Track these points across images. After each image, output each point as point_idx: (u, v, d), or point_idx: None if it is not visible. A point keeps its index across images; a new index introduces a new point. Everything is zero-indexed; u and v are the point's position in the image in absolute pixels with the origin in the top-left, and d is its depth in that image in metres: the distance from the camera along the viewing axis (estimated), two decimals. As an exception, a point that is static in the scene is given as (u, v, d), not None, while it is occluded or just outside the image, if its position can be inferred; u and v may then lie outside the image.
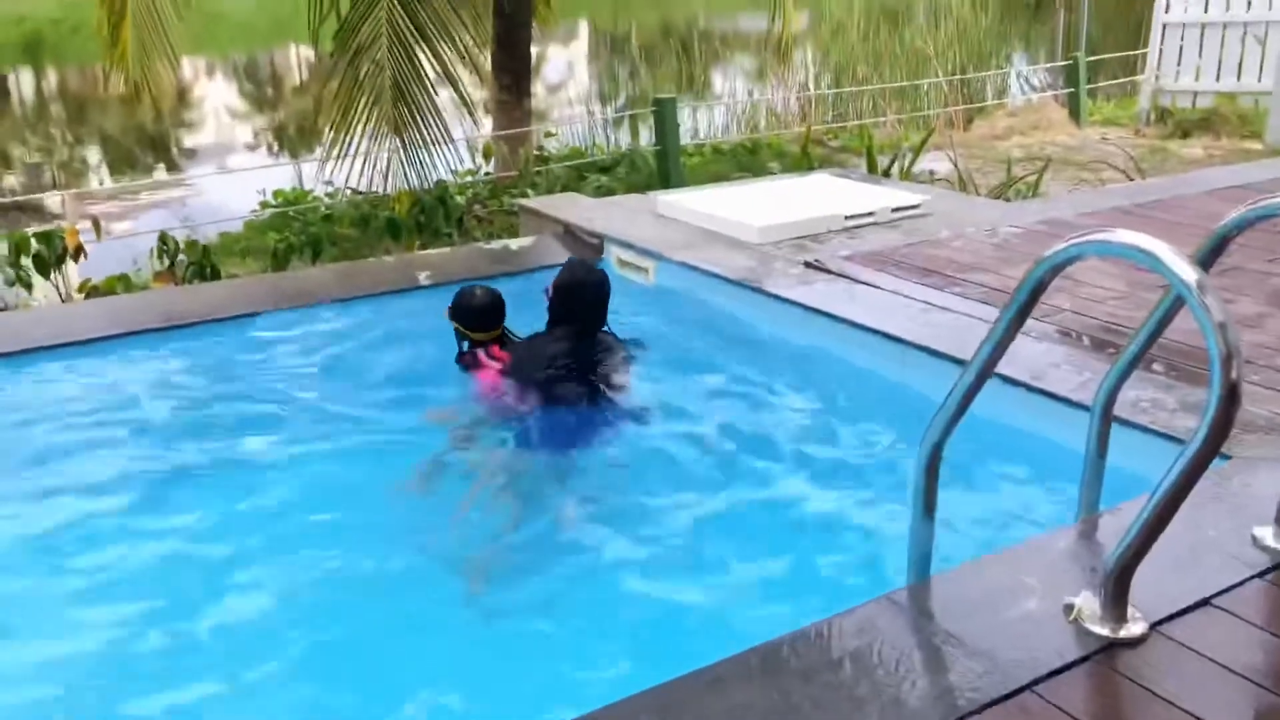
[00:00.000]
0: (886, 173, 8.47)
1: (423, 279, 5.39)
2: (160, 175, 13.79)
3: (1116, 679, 2.12)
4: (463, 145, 8.30)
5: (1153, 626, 2.23)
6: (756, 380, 4.38)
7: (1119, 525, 2.29)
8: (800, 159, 9.25)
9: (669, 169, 8.77)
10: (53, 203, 9.90)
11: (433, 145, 7.22)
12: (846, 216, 5.82)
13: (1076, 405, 3.41)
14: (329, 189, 7.88)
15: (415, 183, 7.25)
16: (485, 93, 9.85)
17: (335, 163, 7.17)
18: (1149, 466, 2.86)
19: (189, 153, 15.92)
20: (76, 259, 6.26)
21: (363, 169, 7.17)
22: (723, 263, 5.20)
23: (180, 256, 6.39)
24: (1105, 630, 2.21)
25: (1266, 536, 2.56)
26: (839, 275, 4.96)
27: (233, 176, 10.92)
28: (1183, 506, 2.07)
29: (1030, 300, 2.23)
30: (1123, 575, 2.19)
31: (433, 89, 7.29)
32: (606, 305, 4.20)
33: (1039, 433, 3.56)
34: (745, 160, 9.87)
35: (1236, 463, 3.01)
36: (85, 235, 6.39)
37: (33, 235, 6.17)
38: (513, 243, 6.07)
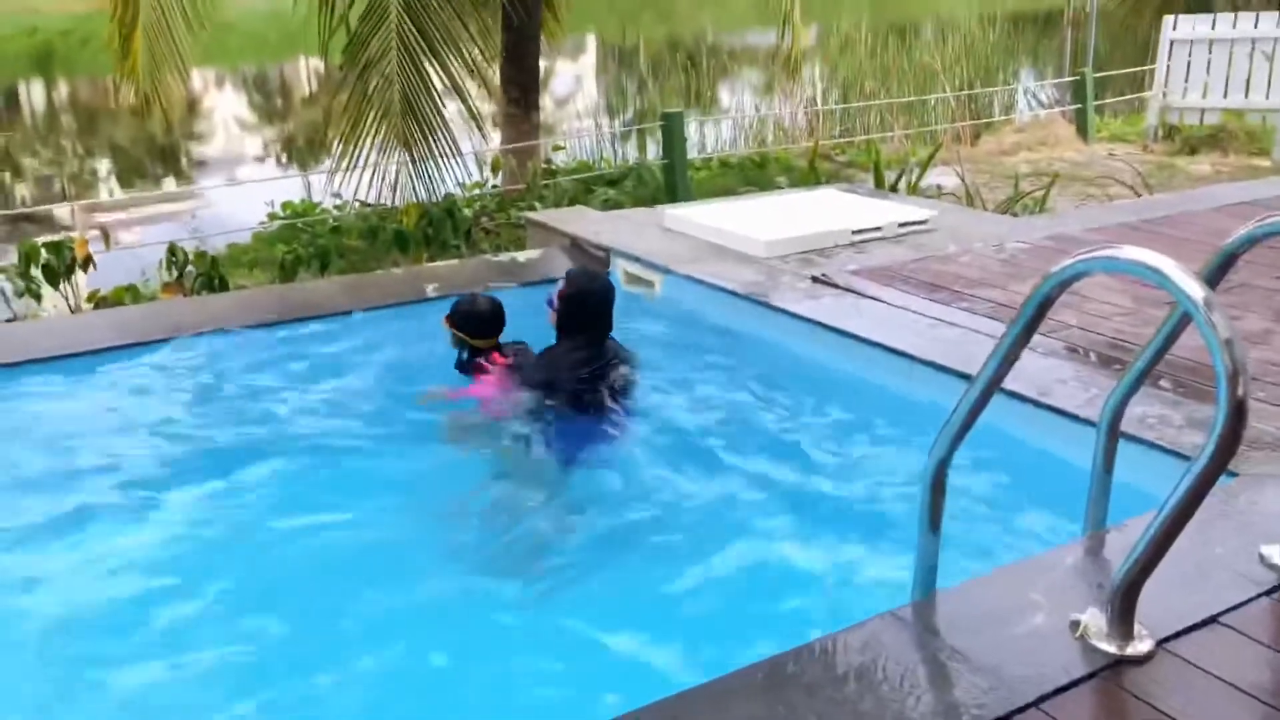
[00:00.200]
0: (894, 188, 8.48)
1: (430, 291, 5.40)
2: (169, 187, 13.84)
3: (1123, 696, 2.11)
4: (471, 158, 8.32)
5: (1160, 644, 2.23)
6: (762, 394, 4.37)
7: (1126, 541, 2.29)
8: (807, 173, 9.26)
9: (676, 183, 8.79)
10: (62, 213, 9.96)
11: (441, 158, 7.24)
12: (853, 231, 5.83)
13: (1083, 421, 3.41)
14: (337, 201, 7.90)
15: (423, 195, 7.27)
16: (493, 106, 9.88)
17: (344, 175, 7.20)
18: (1155, 483, 2.86)
19: (198, 164, 16.00)
20: (85, 269, 6.28)
21: (371, 181, 7.20)
22: (729, 277, 5.20)
23: (189, 268, 6.41)
24: (1112, 647, 2.20)
25: (1274, 554, 2.56)
26: (846, 290, 4.96)
27: (241, 188, 10.97)
28: (1190, 523, 2.07)
29: (1037, 316, 2.23)
30: (1129, 592, 2.18)
31: (441, 102, 7.31)
32: (612, 311, 4.23)
33: (1045, 448, 3.56)
34: (752, 174, 9.88)
35: (1244, 480, 3.00)
36: (94, 246, 6.41)
37: (42, 245, 6.19)
38: (520, 255, 6.09)
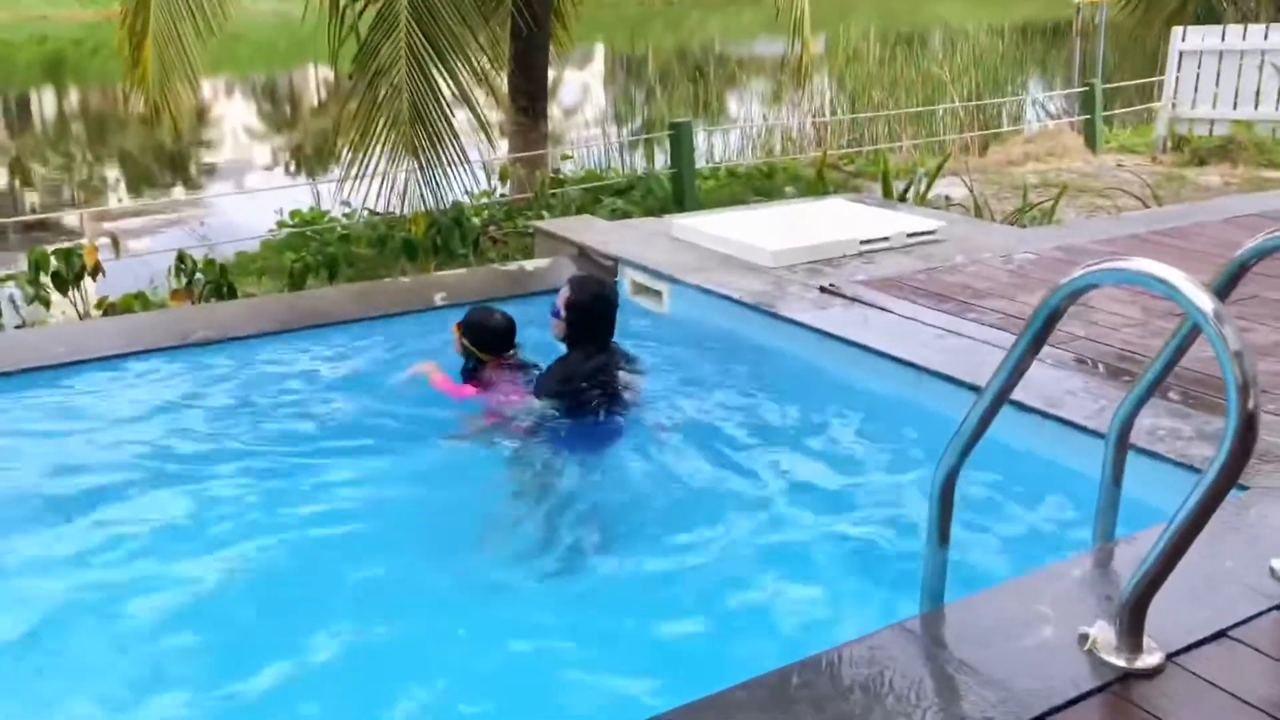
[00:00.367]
0: (902, 198, 8.47)
1: (438, 300, 5.41)
2: (178, 194, 13.89)
3: (1132, 710, 2.10)
4: (479, 167, 8.33)
5: (1169, 657, 2.21)
6: (770, 404, 4.37)
7: (1135, 554, 2.27)
8: (815, 183, 9.24)
9: (684, 192, 8.79)
10: (71, 220, 10.00)
11: (450, 167, 7.26)
12: (861, 241, 5.83)
13: (1092, 433, 3.40)
14: (346, 209, 7.91)
15: (432, 204, 7.28)
16: (501, 115, 9.90)
17: (353, 183, 7.21)
18: (1164, 495, 2.85)
19: (207, 171, 16.05)
20: (95, 277, 6.29)
21: (380, 190, 7.21)
22: (737, 286, 5.20)
23: (197, 275, 6.42)
24: (1121, 661, 2.19)
25: (1284, 568, 2.54)
26: (854, 300, 4.95)
27: (250, 196, 11.00)
28: (1199, 536, 2.05)
29: (1046, 327, 2.23)
30: (1139, 605, 2.17)
31: (450, 111, 7.33)
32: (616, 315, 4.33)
33: (1053, 460, 3.55)
34: (760, 184, 9.86)
35: (1254, 493, 2.99)
36: (103, 254, 6.43)
37: (52, 253, 6.21)
38: (528, 264, 6.09)
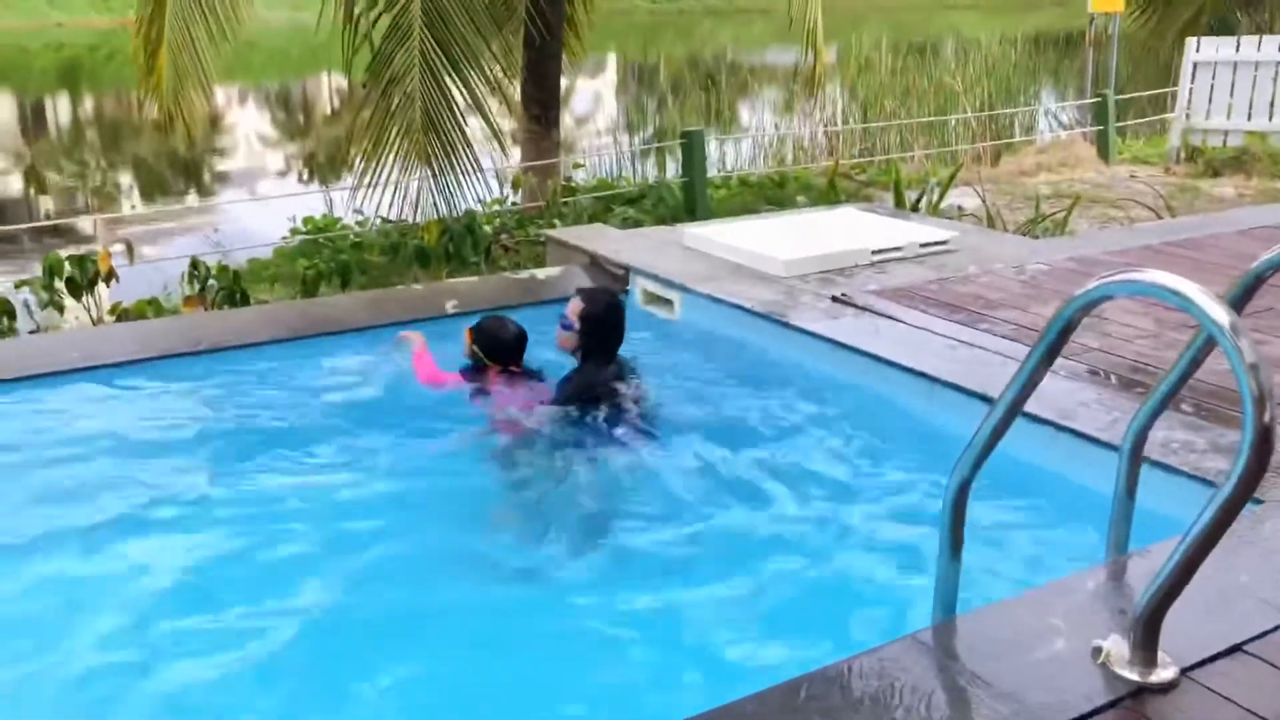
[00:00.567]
0: (914, 207, 8.47)
1: (450, 307, 5.42)
2: (191, 201, 13.94)
3: (1146, 725, 2.09)
4: (491, 175, 8.35)
5: (1183, 672, 2.20)
6: (781, 414, 4.36)
7: (1149, 567, 2.26)
8: (827, 192, 9.24)
9: (696, 201, 8.79)
10: (85, 226, 10.05)
11: (462, 175, 7.27)
12: (873, 251, 5.82)
13: (1105, 445, 3.39)
14: (359, 217, 7.93)
15: (444, 212, 7.30)
16: (513, 123, 9.91)
17: (366, 191, 7.23)
18: (1177, 508, 2.84)
19: (220, 178, 16.12)
20: (108, 283, 6.32)
21: (393, 198, 7.23)
22: (749, 296, 5.20)
23: (210, 281, 6.45)
24: (1135, 675, 2.18)
25: (1299, 582, 2.53)
26: (865, 310, 4.95)
27: (263, 203, 11.04)
28: (1213, 550, 2.04)
29: (1060, 339, 2.22)
30: (1153, 619, 2.16)
31: (463, 119, 7.35)
32: None
33: (1066, 472, 3.53)
34: (772, 193, 9.87)
35: (1269, 506, 2.97)
36: (117, 259, 6.45)
37: (66, 259, 6.24)
38: (540, 272, 6.10)
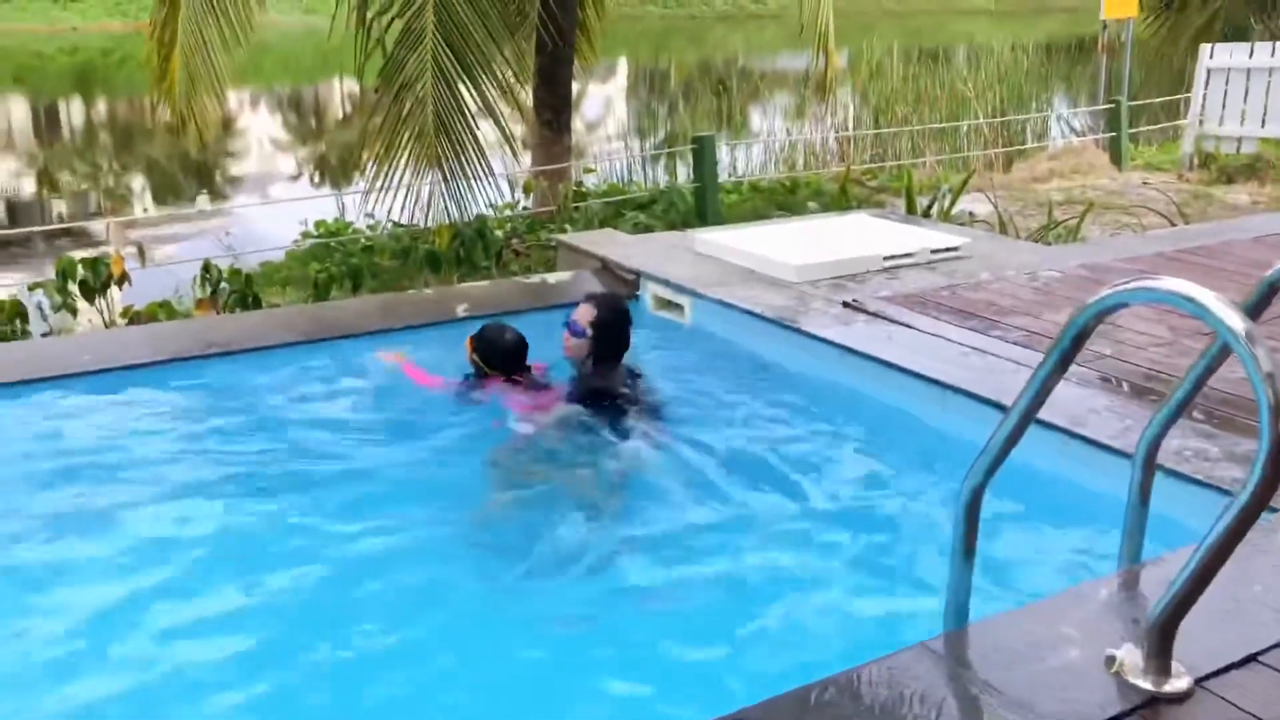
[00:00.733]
0: (926, 213, 8.46)
1: (461, 311, 5.42)
2: (203, 204, 13.99)
3: (1160, 735, 2.08)
4: (502, 180, 8.36)
5: (1197, 682, 2.18)
6: (792, 419, 4.36)
7: (1162, 576, 2.25)
8: (839, 198, 9.23)
9: (707, 206, 8.79)
10: (97, 229, 10.08)
11: (473, 179, 7.28)
12: (885, 257, 5.81)
13: (1117, 453, 3.37)
14: (370, 220, 7.95)
15: (455, 216, 7.31)
16: (524, 128, 9.92)
17: (377, 195, 7.25)
18: (1190, 516, 2.83)
19: (232, 181, 16.17)
20: (121, 286, 6.34)
21: (404, 202, 7.24)
22: (760, 301, 5.19)
23: (222, 284, 6.46)
24: (1148, 684, 2.16)
25: (1315, 592, 2.51)
26: (877, 316, 4.94)
27: (275, 206, 11.06)
28: (1228, 559, 2.03)
29: (1073, 347, 2.21)
30: (1167, 628, 2.14)
31: (474, 123, 7.36)
32: None
33: (1078, 480, 3.52)
34: (783, 199, 9.86)
35: (1283, 515, 2.95)
36: (129, 262, 6.47)
37: (79, 261, 6.26)
38: (550, 277, 6.10)
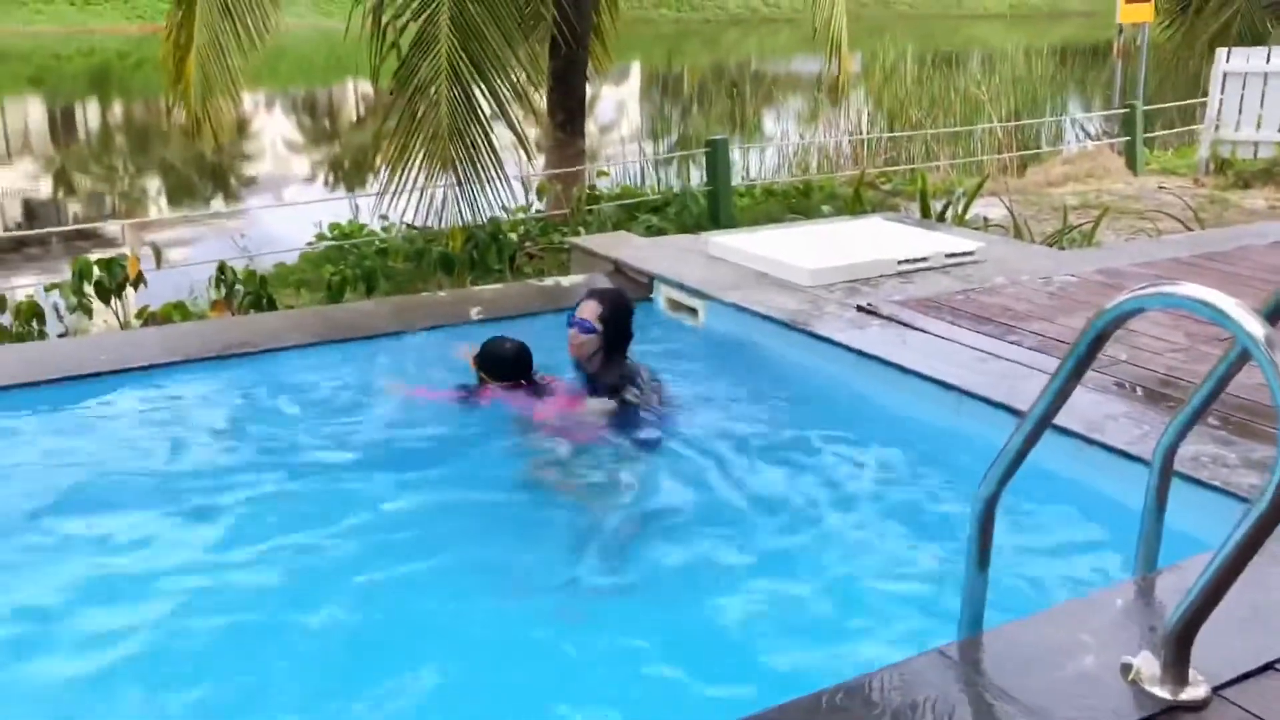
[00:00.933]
0: (940, 217, 8.43)
1: (474, 314, 5.43)
2: (218, 205, 14.04)
3: (1176, 744, 2.06)
4: (516, 183, 8.38)
5: (1215, 690, 2.17)
6: (805, 424, 4.33)
7: (1179, 584, 2.23)
8: (852, 202, 9.21)
9: (720, 209, 8.79)
10: (112, 230, 10.13)
11: (487, 182, 7.29)
12: (899, 261, 5.80)
13: (1134, 459, 3.36)
14: (384, 223, 7.98)
15: (469, 219, 7.32)
16: (537, 131, 9.94)
17: (391, 198, 7.27)
18: (1205, 522, 2.81)
19: (247, 183, 16.23)
20: (136, 287, 6.37)
21: (418, 205, 7.26)
22: (773, 305, 5.18)
23: (237, 286, 6.49)
24: (1165, 692, 2.15)
25: (1333, 600, 2.49)
26: (891, 320, 4.92)
27: (289, 208, 11.10)
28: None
29: (1090, 352, 2.20)
30: (1184, 636, 2.13)
31: (488, 127, 7.37)
32: None
33: (1094, 486, 3.50)
34: (797, 202, 9.84)
35: (1302, 522, 2.93)
36: (144, 263, 6.50)
37: (95, 262, 6.29)
38: (564, 280, 6.10)
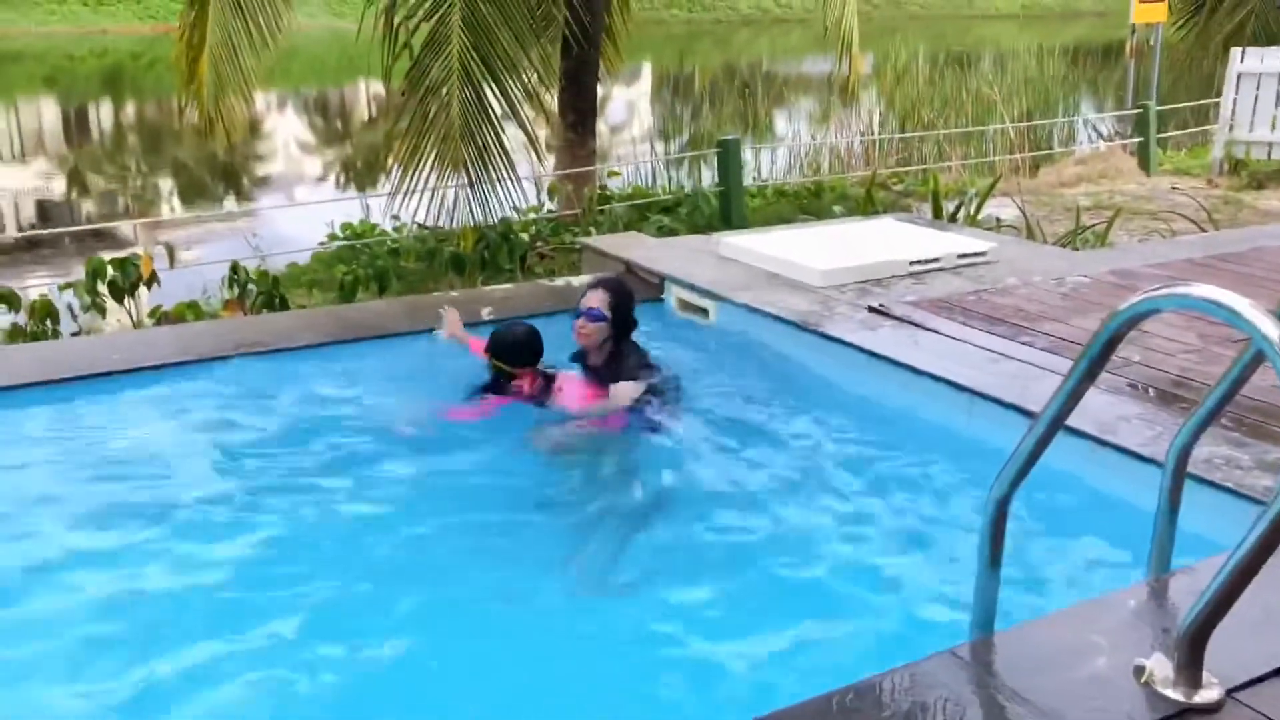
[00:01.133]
0: (952, 218, 8.42)
1: (485, 314, 5.43)
2: (230, 205, 14.08)
3: (1190, 746, 2.06)
4: (527, 183, 8.39)
5: (1229, 693, 2.16)
6: (817, 424, 4.33)
7: (1192, 586, 2.23)
8: (864, 202, 9.19)
9: (731, 210, 8.78)
10: (125, 230, 10.17)
11: (498, 183, 7.30)
12: (911, 262, 5.78)
13: (1147, 460, 3.35)
14: (396, 223, 7.99)
15: (480, 219, 7.33)
16: (548, 131, 9.95)
17: (403, 198, 7.28)
18: (1219, 524, 2.80)
19: (259, 183, 16.28)
20: (150, 286, 6.39)
21: (429, 205, 7.27)
22: (784, 305, 5.18)
23: (249, 286, 6.50)
24: (1178, 695, 2.14)
25: (1348, 603, 2.47)
26: (903, 321, 4.91)
27: (301, 208, 11.12)
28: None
29: (1104, 354, 2.19)
30: (1197, 638, 2.12)
31: (500, 127, 7.38)
32: None
33: (1107, 487, 3.49)
34: (808, 203, 9.83)
35: (1315, 524, 2.91)
36: (158, 263, 6.52)
37: (109, 262, 6.31)
38: (575, 280, 6.10)
